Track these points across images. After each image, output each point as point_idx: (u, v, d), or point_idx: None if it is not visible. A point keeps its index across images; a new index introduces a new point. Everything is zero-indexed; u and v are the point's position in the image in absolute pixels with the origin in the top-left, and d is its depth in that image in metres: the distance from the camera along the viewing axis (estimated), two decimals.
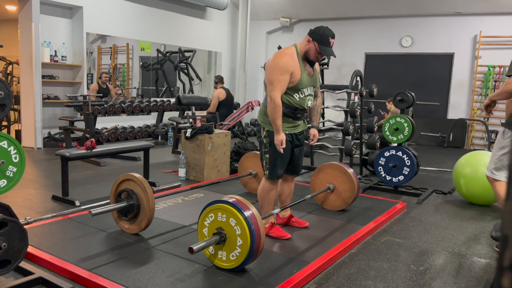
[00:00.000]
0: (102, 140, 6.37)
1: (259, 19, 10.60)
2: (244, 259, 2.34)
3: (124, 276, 2.38)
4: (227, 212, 2.36)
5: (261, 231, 2.35)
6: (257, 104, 8.02)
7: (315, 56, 2.85)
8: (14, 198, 3.91)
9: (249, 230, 2.29)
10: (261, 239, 2.34)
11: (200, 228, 2.49)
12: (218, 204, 2.41)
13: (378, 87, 5.42)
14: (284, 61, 2.76)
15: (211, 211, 2.42)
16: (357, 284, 2.46)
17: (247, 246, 2.30)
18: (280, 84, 2.74)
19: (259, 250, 2.36)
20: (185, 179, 4.90)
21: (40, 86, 6.55)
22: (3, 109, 2.22)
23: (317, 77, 3.02)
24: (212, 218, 2.42)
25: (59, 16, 7.05)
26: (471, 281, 2.59)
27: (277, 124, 2.77)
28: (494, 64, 8.27)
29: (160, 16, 8.49)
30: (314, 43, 2.82)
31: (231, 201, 2.38)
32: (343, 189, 3.68)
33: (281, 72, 2.74)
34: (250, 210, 2.36)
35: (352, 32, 9.72)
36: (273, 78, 2.75)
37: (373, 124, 5.35)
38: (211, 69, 10.42)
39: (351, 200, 3.69)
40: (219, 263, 2.45)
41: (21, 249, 2.08)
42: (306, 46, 2.85)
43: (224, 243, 2.39)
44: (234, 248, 2.35)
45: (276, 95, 2.74)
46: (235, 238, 2.34)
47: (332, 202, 3.77)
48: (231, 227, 2.35)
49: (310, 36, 2.84)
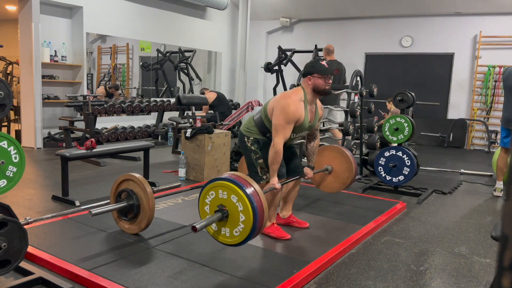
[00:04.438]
0: (102, 140, 6.37)
1: (259, 19, 10.60)
2: (248, 235, 2.30)
3: (124, 276, 2.38)
4: (228, 189, 2.33)
5: (264, 205, 2.32)
6: (257, 104, 8.05)
7: (324, 83, 2.86)
8: (14, 198, 3.91)
9: (251, 206, 2.25)
10: (263, 214, 2.31)
11: (201, 206, 2.45)
12: (218, 182, 2.37)
13: (378, 87, 5.42)
14: (293, 110, 2.78)
15: (212, 189, 2.39)
16: (357, 284, 2.47)
17: (250, 222, 2.27)
18: (284, 131, 2.80)
19: (262, 224, 2.33)
20: (185, 179, 4.90)
21: (40, 86, 6.55)
22: (3, 109, 2.22)
23: (316, 121, 3.05)
24: (213, 195, 2.39)
25: (59, 16, 7.05)
26: (471, 281, 2.59)
27: (273, 169, 2.83)
28: (494, 64, 8.27)
29: (160, 16, 8.49)
30: (313, 76, 2.85)
31: (232, 178, 2.35)
32: (341, 170, 3.64)
33: (288, 121, 2.78)
34: (251, 187, 2.34)
35: (352, 32, 9.72)
36: (278, 124, 2.79)
37: (373, 124, 5.35)
38: (211, 69, 10.41)
39: (349, 180, 3.63)
40: (223, 239, 2.41)
41: (21, 249, 2.07)
42: (309, 85, 2.87)
43: (227, 220, 2.36)
44: (237, 224, 2.32)
45: (279, 141, 2.78)
46: (237, 215, 2.31)
47: (330, 184, 3.72)
48: (233, 204, 2.32)
49: (305, 75, 2.89)
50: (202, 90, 7.98)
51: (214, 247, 2.85)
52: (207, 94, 7.48)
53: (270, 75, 9.62)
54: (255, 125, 3.00)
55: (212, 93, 7.67)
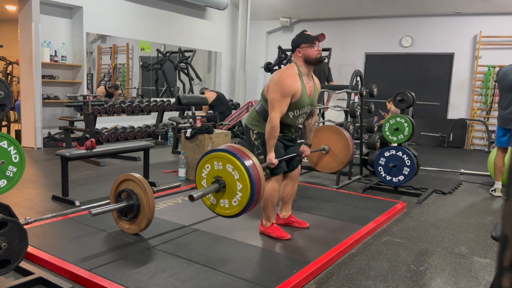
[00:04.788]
0: (102, 140, 6.37)
1: (259, 19, 10.60)
2: (247, 202, 2.28)
3: (124, 276, 2.38)
4: (222, 159, 2.31)
5: (259, 171, 2.29)
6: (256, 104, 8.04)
7: (315, 54, 2.84)
8: (14, 198, 3.91)
9: (247, 173, 2.24)
10: (260, 180, 2.28)
11: (198, 181, 2.43)
12: (212, 154, 2.36)
13: (378, 87, 5.42)
14: (288, 83, 2.76)
15: (207, 162, 2.37)
16: (357, 284, 2.47)
17: (247, 189, 2.26)
18: (281, 106, 2.76)
19: (260, 191, 2.30)
20: (185, 179, 4.89)
21: (40, 86, 6.55)
22: (3, 109, 2.22)
23: (316, 96, 3.03)
24: (208, 168, 2.37)
25: (59, 16, 7.05)
26: (471, 281, 2.59)
27: (270, 144, 2.81)
28: (494, 64, 8.27)
29: (160, 16, 8.49)
30: (301, 48, 2.84)
31: (225, 148, 2.34)
32: (338, 148, 3.61)
33: (283, 94, 2.75)
34: (245, 153, 2.33)
35: (352, 32, 9.72)
36: (274, 99, 2.76)
37: (373, 124, 5.35)
38: (211, 69, 10.41)
39: (347, 158, 3.60)
40: (222, 211, 2.39)
41: (21, 249, 2.07)
42: (300, 57, 2.86)
43: (225, 190, 2.34)
44: (235, 193, 2.31)
45: (275, 116, 2.76)
46: (234, 184, 2.29)
47: (328, 164, 3.70)
48: (229, 173, 2.30)
49: (294, 49, 2.88)
50: (202, 89, 7.99)
51: (214, 247, 2.85)
52: (207, 94, 7.47)
53: (270, 75, 9.62)
54: (258, 113, 2.95)
55: (212, 92, 7.67)
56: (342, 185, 4.88)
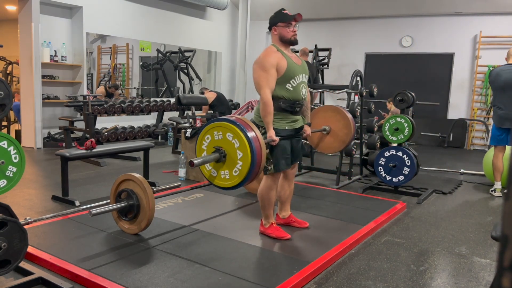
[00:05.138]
0: (102, 140, 6.37)
1: (259, 19, 10.59)
2: (247, 171, 2.24)
3: (124, 276, 2.38)
4: (222, 128, 2.28)
5: (260, 140, 2.26)
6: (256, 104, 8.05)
7: (290, 34, 2.83)
8: (14, 198, 3.91)
9: (247, 140, 2.20)
10: (261, 148, 2.24)
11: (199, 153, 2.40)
12: (212, 124, 2.34)
13: (378, 87, 5.42)
14: (266, 57, 2.77)
15: (207, 133, 2.34)
16: (357, 284, 2.46)
17: (247, 157, 2.21)
18: (266, 80, 2.73)
19: (261, 160, 2.25)
20: (185, 179, 4.89)
21: (40, 86, 6.55)
22: (3, 109, 2.22)
23: (305, 65, 3.00)
24: (208, 139, 2.34)
25: (59, 16, 7.05)
26: (471, 281, 2.59)
27: (267, 121, 2.75)
28: (494, 64, 8.26)
29: (160, 16, 8.49)
30: (277, 27, 2.84)
31: (225, 117, 2.33)
32: (338, 127, 3.57)
33: (264, 68, 2.74)
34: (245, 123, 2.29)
35: (352, 32, 9.72)
36: (257, 76, 2.76)
37: (373, 124, 5.35)
38: (211, 69, 10.41)
39: (348, 137, 3.54)
40: (222, 182, 2.35)
41: (21, 249, 2.08)
42: (275, 36, 2.87)
43: (225, 161, 2.30)
44: (236, 163, 2.27)
45: (265, 91, 2.73)
46: (234, 153, 2.25)
47: (329, 144, 3.65)
48: (229, 142, 2.26)
49: (270, 27, 2.88)
50: (201, 89, 7.98)
51: (214, 247, 2.85)
52: (207, 94, 7.48)
53: None
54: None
55: (212, 93, 7.66)
56: (342, 185, 4.88)
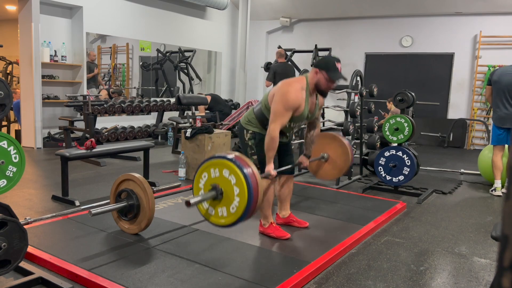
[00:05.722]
0: (102, 140, 6.36)
1: (259, 19, 10.60)
2: (244, 208, 2.23)
3: (124, 276, 2.38)
4: (219, 165, 2.28)
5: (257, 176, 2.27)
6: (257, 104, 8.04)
7: (326, 85, 2.83)
8: (14, 198, 3.91)
9: (243, 176, 2.19)
10: (258, 185, 2.23)
11: (196, 192, 2.38)
12: (208, 161, 2.33)
13: (378, 87, 5.42)
14: (293, 97, 2.76)
15: (204, 171, 2.33)
16: (357, 284, 2.46)
17: (244, 194, 2.21)
18: (282, 119, 2.77)
19: (258, 197, 2.25)
20: (185, 179, 4.89)
21: (40, 86, 6.55)
22: (3, 109, 2.22)
23: (316, 111, 3.04)
24: (205, 177, 2.33)
25: (59, 16, 7.05)
26: (471, 281, 2.59)
27: (269, 156, 2.80)
28: (494, 64, 8.26)
29: (160, 16, 8.49)
30: (322, 72, 2.80)
31: (219, 155, 2.32)
32: (337, 155, 3.59)
33: (286, 107, 2.76)
34: (241, 158, 2.30)
35: (352, 32, 9.72)
36: (277, 110, 2.76)
37: (373, 124, 5.35)
38: (211, 69, 10.42)
39: (347, 164, 3.57)
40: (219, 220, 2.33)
41: (21, 249, 2.07)
42: (314, 77, 2.83)
43: (222, 198, 2.29)
44: (233, 199, 2.26)
45: (275, 128, 2.75)
46: (231, 190, 2.25)
47: (328, 171, 3.68)
48: (226, 179, 2.26)
49: (316, 67, 2.83)
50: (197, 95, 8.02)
51: (214, 247, 2.85)
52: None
53: None
54: (255, 116, 2.97)
55: (207, 96, 7.71)
56: (342, 185, 4.88)
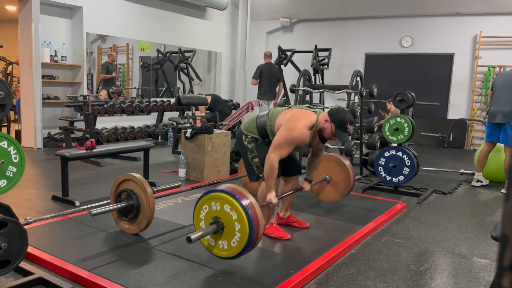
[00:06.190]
0: (102, 140, 6.36)
1: (259, 19, 10.60)
2: (246, 243, 2.27)
3: (124, 276, 2.38)
4: (220, 199, 2.32)
5: (257, 211, 2.29)
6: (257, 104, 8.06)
7: (329, 136, 2.87)
8: (14, 198, 3.91)
9: (245, 213, 2.23)
10: (258, 219, 2.28)
11: (197, 223, 2.44)
12: (209, 195, 2.37)
13: (378, 87, 5.42)
14: (297, 135, 2.79)
15: (205, 203, 2.38)
16: (357, 284, 2.46)
17: (245, 230, 2.25)
18: (282, 151, 2.80)
19: (259, 231, 2.29)
20: (185, 179, 4.89)
21: (40, 86, 6.55)
22: (3, 109, 2.22)
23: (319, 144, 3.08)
24: (206, 209, 2.38)
25: (59, 16, 7.05)
26: (471, 281, 2.59)
27: (270, 184, 2.83)
28: (494, 64, 8.27)
29: (160, 16, 8.49)
30: (331, 124, 2.81)
31: (222, 189, 2.35)
32: (339, 180, 3.64)
33: (289, 143, 2.79)
34: (242, 193, 2.32)
35: (352, 32, 9.72)
36: (279, 142, 2.79)
37: (373, 124, 5.35)
38: (211, 69, 10.41)
39: (347, 191, 3.63)
40: (221, 253, 2.39)
41: (21, 249, 2.07)
42: (323, 124, 2.84)
43: (223, 231, 2.34)
44: (234, 234, 2.30)
45: (275, 158, 2.78)
46: (232, 225, 2.29)
47: (328, 194, 3.72)
48: (227, 214, 2.30)
49: (330, 117, 2.83)
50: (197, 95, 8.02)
51: None
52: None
53: None
54: (257, 127, 3.00)
55: (207, 96, 7.68)
56: None
